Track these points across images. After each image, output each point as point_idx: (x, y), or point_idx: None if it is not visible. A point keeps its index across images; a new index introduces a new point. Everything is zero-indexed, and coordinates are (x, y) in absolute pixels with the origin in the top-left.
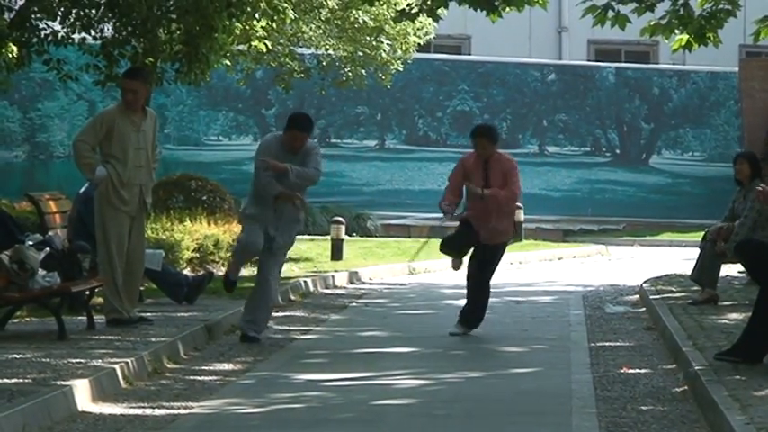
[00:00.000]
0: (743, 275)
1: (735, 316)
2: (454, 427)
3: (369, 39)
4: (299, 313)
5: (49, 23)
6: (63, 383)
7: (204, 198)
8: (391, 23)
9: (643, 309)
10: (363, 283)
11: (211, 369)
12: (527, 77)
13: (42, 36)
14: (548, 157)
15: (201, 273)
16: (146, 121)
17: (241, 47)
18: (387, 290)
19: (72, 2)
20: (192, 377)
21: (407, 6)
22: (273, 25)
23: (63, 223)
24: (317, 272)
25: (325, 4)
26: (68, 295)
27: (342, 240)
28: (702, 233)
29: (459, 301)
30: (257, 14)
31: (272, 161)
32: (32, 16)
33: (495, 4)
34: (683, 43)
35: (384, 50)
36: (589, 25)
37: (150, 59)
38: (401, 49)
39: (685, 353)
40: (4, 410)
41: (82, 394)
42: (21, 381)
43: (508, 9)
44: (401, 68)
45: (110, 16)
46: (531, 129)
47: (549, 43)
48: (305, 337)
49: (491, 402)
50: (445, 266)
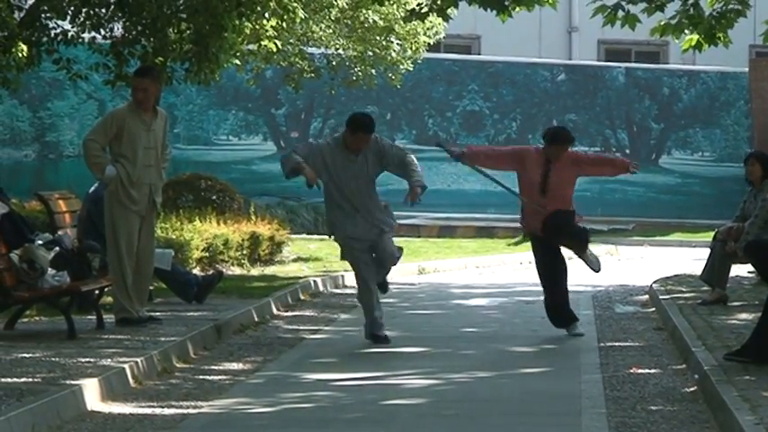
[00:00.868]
0: (753, 275)
1: (745, 316)
2: (463, 428)
3: (379, 38)
4: (308, 313)
5: (59, 23)
6: (72, 383)
7: (214, 197)
8: (401, 23)
9: (653, 309)
10: None
11: (221, 369)
12: (537, 77)
13: (52, 35)
14: None
15: (211, 272)
16: (156, 121)
17: (251, 46)
18: (396, 290)
19: (82, 1)
20: (202, 377)
21: (417, 6)
22: (283, 25)
23: (73, 223)
24: (326, 271)
25: (335, 3)
26: (78, 295)
27: None
28: (712, 233)
29: (468, 301)
30: (267, 14)
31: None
32: (42, 15)
33: (505, 3)
34: (692, 43)
35: (394, 50)
36: (599, 25)
37: (160, 59)
38: (411, 48)
39: (695, 353)
40: (13, 410)
41: (91, 394)
42: (30, 380)
43: (518, 9)
44: (411, 68)
45: (120, 15)
46: (541, 129)
47: (559, 43)
48: (315, 336)
49: (500, 402)
50: (455, 267)
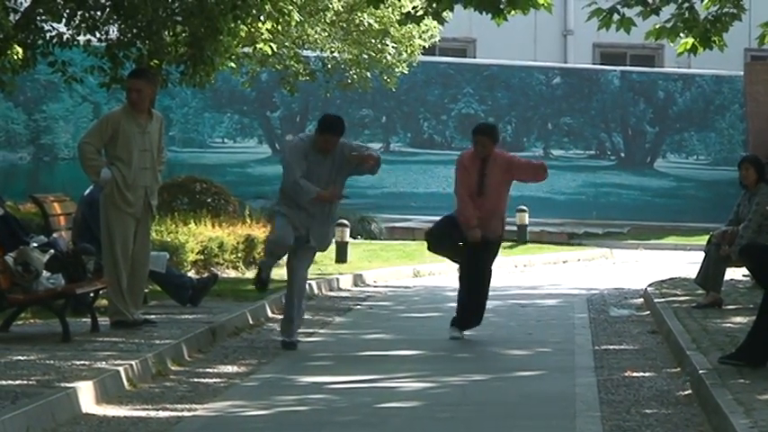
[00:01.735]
0: (747, 279)
1: (739, 319)
2: (458, 431)
3: (374, 41)
4: (303, 316)
5: (55, 25)
6: (67, 385)
7: (209, 200)
8: (396, 26)
9: (647, 312)
10: (368, 286)
11: (215, 371)
12: (532, 80)
13: (47, 38)
14: (552, 160)
15: (206, 275)
16: (151, 123)
17: (246, 49)
18: (391, 293)
19: (77, 4)
20: (196, 379)
21: (413, 9)
22: (278, 27)
23: (67, 225)
24: (321, 274)
25: (331, 6)
26: (73, 297)
27: (346, 243)
28: (707, 237)
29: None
30: (262, 17)
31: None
32: (38, 18)
33: (501, 6)
34: (688, 47)
35: (389, 53)
36: (594, 29)
37: (155, 61)
38: (406, 51)
39: (690, 356)
40: (8, 412)
41: (86, 396)
42: (25, 382)
43: (513, 12)
44: (406, 71)
45: (115, 18)
46: (536, 132)
47: (555, 46)
48: (309, 339)
49: (495, 406)
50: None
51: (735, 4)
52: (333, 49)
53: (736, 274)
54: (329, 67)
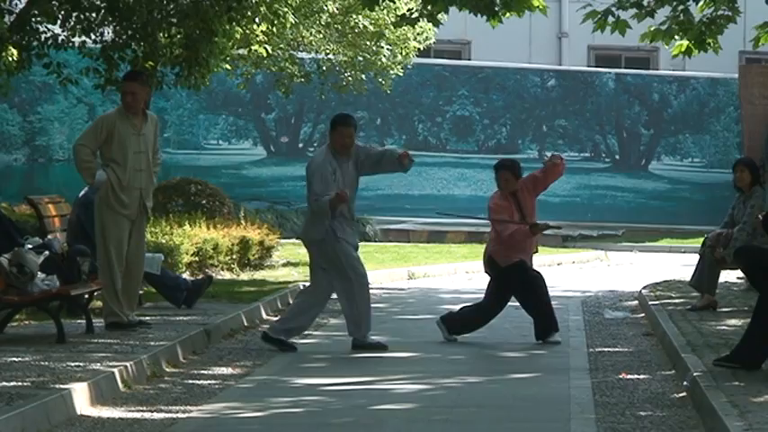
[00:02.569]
0: (742, 281)
1: (734, 322)
2: None
3: (369, 43)
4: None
5: (50, 27)
6: (62, 387)
7: (204, 202)
8: (391, 28)
9: (642, 314)
10: None
11: (210, 373)
12: (527, 83)
13: (43, 39)
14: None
15: (201, 277)
16: (146, 125)
17: (241, 51)
18: (386, 294)
19: (72, 5)
20: (191, 381)
21: (408, 11)
22: (273, 29)
23: (62, 227)
24: None
25: (326, 8)
26: (67, 299)
27: None
28: (702, 239)
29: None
30: (257, 19)
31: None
32: (33, 19)
33: (496, 9)
34: (682, 49)
35: (384, 55)
36: (589, 31)
37: (150, 63)
38: (401, 53)
39: (684, 359)
40: (2, 414)
41: (81, 398)
42: (19, 384)
43: (508, 14)
44: (401, 73)
45: (110, 20)
46: (531, 134)
47: (549, 49)
48: (304, 341)
49: (490, 408)
50: (444, 272)
51: (729, 6)
52: (328, 51)
53: (730, 276)
54: (324, 69)
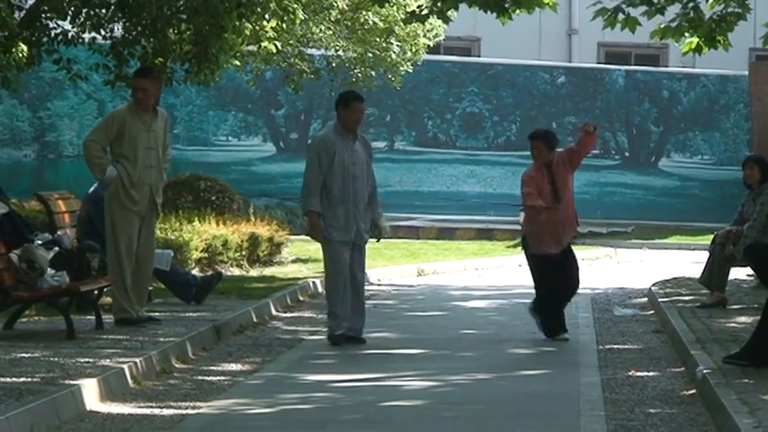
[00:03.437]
0: (752, 279)
1: (743, 319)
2: (462, 429)
3: (379, 40)
4: (307, 314)
5: (60, 23)
6: (71, 383)
7: (213, 198)
8: (401, 25)
9: (651, 312)
10: (372, 285)
11: (220, 369)
12: (537, 80)
13: (52, 35)
14: None
15: (210, 273)
16: (156, 121)
17: (251, 47)
18: (395, 291)
19: (82, 1)
20: (201, 377)
21: (417, 8)
22: (283, 26)
23: (72, 223)
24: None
25: (335, 5)
26: (77, 295)
27: None
28: (711, 236)
29: (467, 303)
30: (267, 15)
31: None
32: (43, 15)
33: (506, 6)
34: (692, 46)
35: (394, 52)
36: (599, 28)
37: (160, 59)
38: (411, 50)
39: (694, 356)
40: (12, 409)
41: (90, 394)
42: (29, 380)
43: (518, 11)
44: (411, 70)
45: (120, 16)
46: None
47: (559, 46)
48: (313, 337)
49: (499, 404)
50: (453, 269)
51: (740, 3)
52: (337, 48)
53: (740, 273)
54: (334, 65)
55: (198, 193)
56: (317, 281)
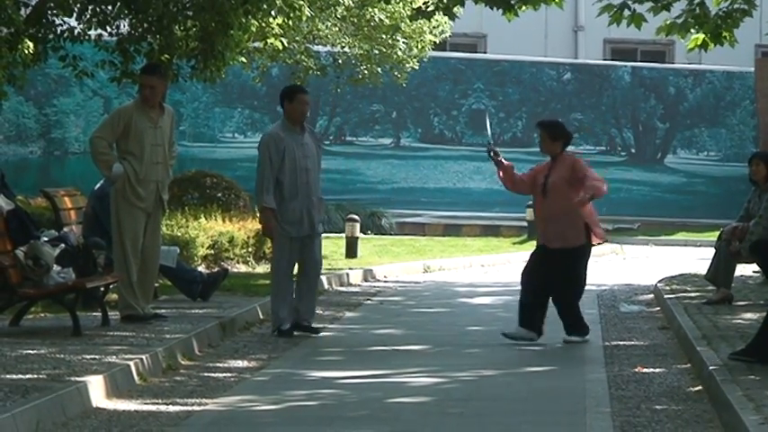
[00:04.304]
0: (758, 275)
1: (749, 316)
2: (468, 426)
3: (385, 37)
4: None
5: (66, 19)
6: (77, 379)
7: (219, 195)
8: (407, 21)
9: (658, 308)
10: (378, 281)
11: (226, 366)
12: (543, 76)
13: (58, 32)
14: None
15: (216, 270)
16: (163, 118)
17: (257, 44)
18: (401, 288)
19: None
20: (207, 374)
21: (423, 4)
22: (289, 23)
23: (78, 219)
24: (331, 269)
25: (342, 1)
26: (83, 291)
27: (356, 238)
28: (717, 233)
29: (473, 300)
30: (273, 12)
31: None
32: (49, 12)
33: (512, 2)
34: (698, 43)
35: (400, 48)
36: (605, 24)
37: (166, 56)
38: (417, 47)
39: (700, 352)
40: (18, 406)
41: (96, 390)
42: (35, 377)
43: (524, 8)
44: (417, 66)
45: (126, 13)
46: None
47: (565, 42)
48: (319, 334)
49: (505, 401)
50: (459, 266)
51: (746, 0)
52: (343, 45)
53: (746, 270)
54: (340, 62)
55: (204, 189)
56: (323, 277)
